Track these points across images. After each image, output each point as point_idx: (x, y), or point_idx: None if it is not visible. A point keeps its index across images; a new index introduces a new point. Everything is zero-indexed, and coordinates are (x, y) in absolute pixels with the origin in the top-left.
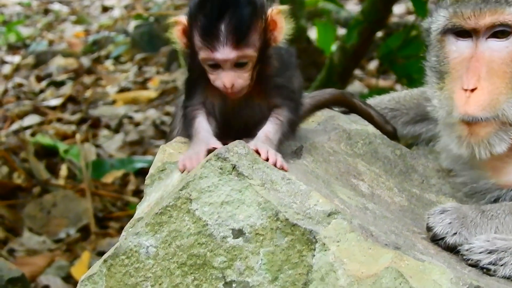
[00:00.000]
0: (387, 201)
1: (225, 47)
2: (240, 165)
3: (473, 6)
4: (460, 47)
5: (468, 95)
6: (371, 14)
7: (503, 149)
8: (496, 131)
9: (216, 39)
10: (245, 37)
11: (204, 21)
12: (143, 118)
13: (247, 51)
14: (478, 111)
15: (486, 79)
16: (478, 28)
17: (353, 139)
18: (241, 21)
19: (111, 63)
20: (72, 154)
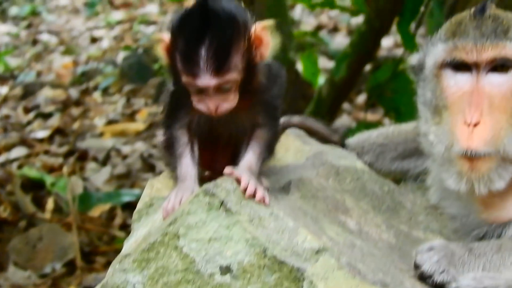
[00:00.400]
0: (375, 238)
1: (206, 74)
2: (228, 201)
3: (474, 39)
4: (459, 81)
5: (471, 129)
6: (360, 46)
7: (501, 186)
8: (496, 167)
9: (197, 65)
10: (226, 62)
11: (184, 45)
12: (131, 150)
13: (230, 76)
14: (481, 146)
15: (488, 113)
16: (480, 62)
17: (341, 175)
18: (222, 45)
19: (99, 94)
20: (59, 187)
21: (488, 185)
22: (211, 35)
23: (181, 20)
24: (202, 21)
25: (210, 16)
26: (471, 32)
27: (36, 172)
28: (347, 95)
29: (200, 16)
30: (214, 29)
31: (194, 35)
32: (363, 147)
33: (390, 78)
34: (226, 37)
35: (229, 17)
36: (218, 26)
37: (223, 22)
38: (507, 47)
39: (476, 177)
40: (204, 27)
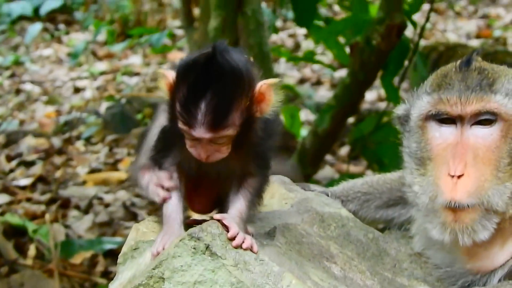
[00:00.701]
0: (360, 284)
1: (202, 127)
2: (214, 245)
3: (459, 92)
4: (444, 134)
5: (455, 181)
6: (344, 98)
7: (485, 237)
8: (480, 218)
9: (194, 116)
10: (224, 119)
11: (185, 94)
12: (113, 199)
13: (225, 132)
14: (464, 198)
15: (473, 165)
16: (464, 115)
17: (326, 222)
18: (222, 102)
19: (82, 144)
20: (41, 234)
21: (472, 236)
22: (214, 89)
23: (187, 68)
24: (207, 74)
25: (216, 70)
26: (456, 85)
27: (19, 219)
28: (330, 146)
29: (205, 68)
30: (218, 84)
31: (197, 87)
32: (347, 195)
33: (374, 130)
34: (227, 94)
35: (234, 73)
36: (222, 81)
37: (227, 78)
38: (491, 100)
39: (460, 228)
40: (208, 80)
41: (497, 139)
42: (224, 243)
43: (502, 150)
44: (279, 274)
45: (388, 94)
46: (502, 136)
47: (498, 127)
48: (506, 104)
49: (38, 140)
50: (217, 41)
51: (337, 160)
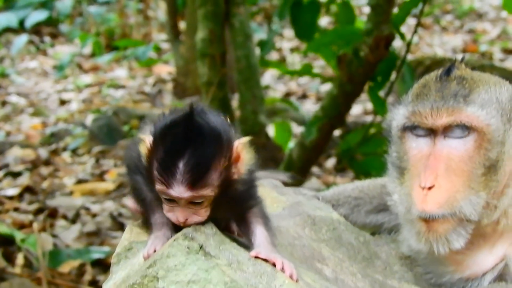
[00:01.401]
0: (351, 286)
1: (180, 185)
2: (207, 245)
3: (431, 105)
4: (419, 144)
5: (425, 193)
6: (331, 110)
7: (461, 245)
8: (454, 227)
9: (172, 175)
10: (202, 179)
11: (164, 153)
12: (100, 209)
13: (204, 192)
14: (435, 209)
15: (444, 176)
16: (436, 127)
17: (318, 225)
18: (201, 162)
19: (68, 155)
20: (29, 243)
21: (446, 246)
22: (192, 149)
23: (164, 128)
24: (185, 133)
25: (194, 130)
26: (432, 96)
27: (6, 228)
28: (317, 158)
29: (184, 127)
30: (196, 143)
31: (175, 146)
32: (338, 199)
33: (361, 142)
34: (206, 154)
35: (213, 134)
36: (200, 141)
37: (206, 138)
38: (463, 112)
39: (434, 238)
40: (186, 139)
41: (470, 149)
42: (218, 243)
43: (476, 160)
44: (272, 274)
45: (376, 106)
46: (476, 147)
47: (472, 138)
48: (480, 115)
49: (24, 151)
50: (193, 102)
51: (324, 172)
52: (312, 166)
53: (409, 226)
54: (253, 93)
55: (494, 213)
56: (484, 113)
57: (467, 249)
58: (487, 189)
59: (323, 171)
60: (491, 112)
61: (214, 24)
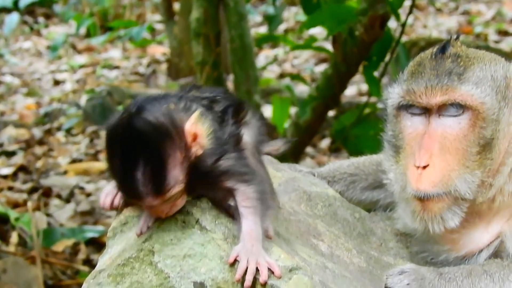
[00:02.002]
0: (346, 261)
1: (147, 198)
2: (203, 219)
3: (425, 83)
4: (414, 123)
5: (420, 172)
6: (325, 89)
7: (456, 224)
8: (449, 206)
9: (135, 191)
10: (165, 184)
11: (118, 171)
12: (94, 189)
13: (172, 192)
14: (429, 188)
15: (438, 155)
16: (430, 106)
17: (313, 201)
18: (157, 168)
19: (62, 135)
20: (23, 222)
21: (441, 224)
22: (144, 157)
23: (109, 142)
24: (130, 144)
25: (138, 137)
26: (426, 75)
27: (1, 207)
28: (311, 138)
29: (127, 138)
30: (145, 150)
31: (126, 161)
32: (334, 176)
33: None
34: (160, 156)
35: (158, 132)
36: (149, 146)
37: (153, 141)
38: (457, 91)
39: (429, 217)
40: (133, 150)
41: (465, 128)
42: (214, 218)
43: (471, 139)
44: (268, 248)
45: (370, 86)
46: (470, 125)
47: (467, 117)
48: (474, 94)
49: (18, 131)
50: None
51: (318, 153)
52: (306, 146)
53: (404, 205)
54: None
55: (489, 191)
56: (479, 91)
57: (463, 227)
58: (482, 168)
59: (318, 151)
60: (486, 90)
61: (209, 4)
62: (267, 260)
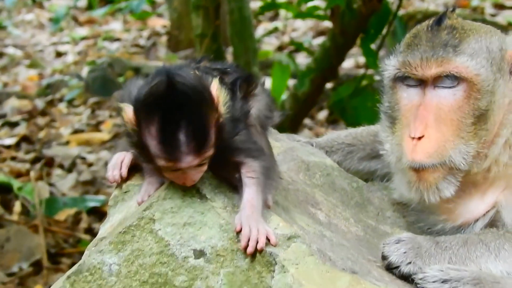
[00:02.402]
0: (344, 230)
1: (187, 157)
2: (203, 188)
3: (420, 55)
4: (410, 94)
5: (415, 143)
6: (323, 62)
7: (451, 193)
8: (444, 176)
9: (177, 150)
10: (206, 142)
11: (158, 132)
12: (96, 159)
13: (208, 153)
14: (424, 159)
15: (433, 126)
16: (425, 78)
17: (311, 170)
18: (199, 127)
19: (64, 106)
20: (26, 192)
21: (437, 194)
22: (187, 117)
23: (148, 105)
24: (173, 104)
25: (180, 98)
26: (422, 47)
27: (4, 176)
28: (309, 109)
29: (169, 98)
30: (188, 110)
31: (168, 121)
32: (332, 146)
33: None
34: (201, 117)
35: (198, 94)
36: (191, 106)
37: (195, 101)
38: (452, 62)
39: (424, 187)
40: (177, 110)
41: (460, 99)
42: (214, 187)
43: (465, 110)
44: (266, 217)
45: (367, 58)
46: (465, 96)
47: (462, 88)
48: (469, 65)
49: (21, 102)
50: (163, 67)
51: (316, 124)
52: (304, 118)
53: (400, 175)
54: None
55: (485, 162)
56: (474, 63)
57: (458, 197)
58: (477, 139)
59: (315, 122)
60: (481, 62)
61: None
62: (265, 228)
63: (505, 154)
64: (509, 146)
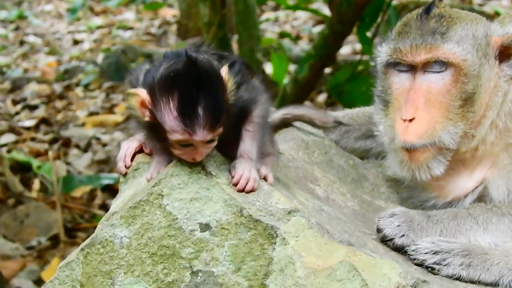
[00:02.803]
0: (341, 205)
1: (203, 131)
2: (209, 165)
3: (410, 42)
4: (401, 79)
5: (406, 125)
6: (322, 48)
7: (441, 171)
8: (434, 156)
9: (195, 123)
10: (220, 119)
11: (178, 104)
12: (110, 139)
13: (220, 130)
14: (415, 139)
15: (423, 109)
16: (415, 63)
17: (310, 149)
18: (216, 104)
19: (81, 90)
20: (44, 170)
21: (427, 173)
22: (204, 93)
23: (169, 81)
24: (193, 81)
25: (200, 75)
26: (411, 34)
27: (24, 156)
28: (309, 93)
29: (190, 75)
30: (206, 87)
31: (189, 95)
32: None
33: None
34: (217, 94)
35: (214, 73)
36: (208, 84)
37: (212, 79)
38: (440, 49)
39: (416, 166)
40: (196, 86)
41: (448, 83)
42: (219, 164)
43: (453, 93)
44: (268, 192)
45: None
46: (453, 81)
47: (450, 73)
48: (456, 51)
49: (40, 86)
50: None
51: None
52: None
53: (393, 155)
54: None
55: (472, 142)
56: (460, 49)
57: (448, 175)
58: (464, 120)
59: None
60: (467, 48)
61: None
62: (254, 175)
63: (491, 134)
64: (495, 126)
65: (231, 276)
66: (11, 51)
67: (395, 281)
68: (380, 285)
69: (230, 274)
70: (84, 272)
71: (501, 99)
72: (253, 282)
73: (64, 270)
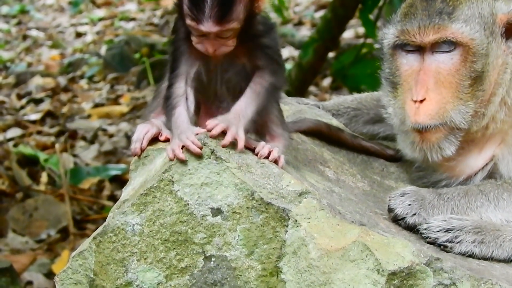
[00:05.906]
0: (351, 185)
1: (209, 21)
2: (218, 149)
3: (418, 23)
4: (409, 61)
5: (417, 105)
6: (325, 32)
7: (452, 152)
8: (446, 136)
9: (201, 12)
10: (229, 12)
11: None
12: (116, 130)
13: (230, 25)
14: (427, 120)
15: (434, 90)
16: (423, 44)
17: None
18: None
19: (85, 82)
20: (51, 163)
21: (439, 153)
22: None
23: None
24: None
25: None
26: (418, 15)
27: (31, 149)
28: (314, 77)
29: None
30: None
31: None
32: (338, 109)
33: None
34: None
35: None
36: None
37: None
38: (449, 29)
39: (427, 147)
40: None
41: (457, 63)
42: (229, 148)
43: (463, 73)
44: (279, 175)
45: (366, 28)
46: (462, 60)
47: (458, 52)
48: (464, 31)
49: (45, 80)
50: None
51: (320, 91)
52: (309, 85)
53: (404, 137)
54: None
55: (483, 120)
56: (468, 29)
57: (458, 155)
58: (474, 99)
59: (320, 89)
60: (475, 27)
61: None
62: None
63: (501, 112)
64: (504, 103)
65: (244, 260)
66: (14, 46)
67: (409, 260)
68: (394, 264)
69: (243, 258)
70: (97, 261)
71: (509, 76)
72: (266, 265)
73: (77, 259)
